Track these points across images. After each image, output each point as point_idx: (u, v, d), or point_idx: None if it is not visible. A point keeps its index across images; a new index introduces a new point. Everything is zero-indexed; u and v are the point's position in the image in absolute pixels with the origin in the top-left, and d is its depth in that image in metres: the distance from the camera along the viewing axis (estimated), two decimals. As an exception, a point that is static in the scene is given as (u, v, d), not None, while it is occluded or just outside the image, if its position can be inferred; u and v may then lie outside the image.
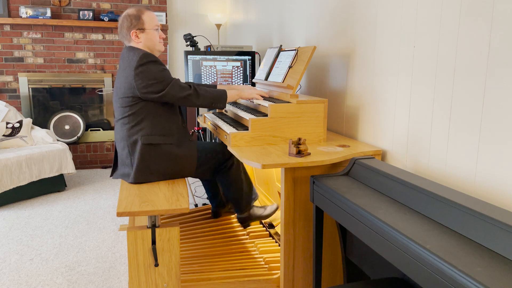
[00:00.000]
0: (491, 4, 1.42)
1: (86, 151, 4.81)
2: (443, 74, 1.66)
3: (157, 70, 2.07)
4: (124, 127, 2.14)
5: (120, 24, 2.19)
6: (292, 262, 1.97)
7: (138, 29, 2.15)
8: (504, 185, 1.41)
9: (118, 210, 1.80)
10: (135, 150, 2.13)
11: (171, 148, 2.17)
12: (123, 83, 2.11)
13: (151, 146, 2.13)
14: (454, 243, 1.12)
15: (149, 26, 2.17)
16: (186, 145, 2.24)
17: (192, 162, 2.24)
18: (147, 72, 2.05)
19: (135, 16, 2.15)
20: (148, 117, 2.12)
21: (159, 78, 2.06)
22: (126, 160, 2.16)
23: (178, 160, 2.19)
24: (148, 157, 2.12)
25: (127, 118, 2.12)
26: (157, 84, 2.06)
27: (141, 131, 2.12)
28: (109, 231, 3.03)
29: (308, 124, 2.17)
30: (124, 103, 2.11)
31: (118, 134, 2.19)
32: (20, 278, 2.39)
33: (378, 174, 1.61)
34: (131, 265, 1.87)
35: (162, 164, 2.15)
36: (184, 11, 5.17)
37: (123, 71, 2.13)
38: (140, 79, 2.04)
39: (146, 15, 2.17)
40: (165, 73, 2.09)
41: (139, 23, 2.15)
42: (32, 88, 4.74)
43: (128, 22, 2.15)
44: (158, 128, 2.15)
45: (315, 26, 2.75)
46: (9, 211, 3.46)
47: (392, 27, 1.97)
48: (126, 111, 2.12)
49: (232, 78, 3.37)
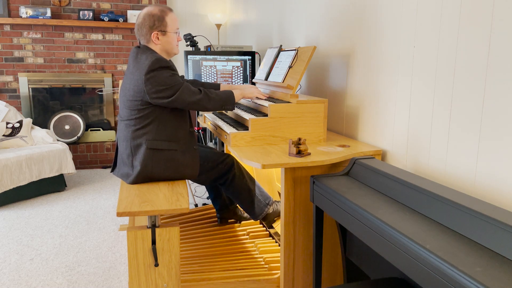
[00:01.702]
0: (491, 4, 1.42)
1: (86, 151, 4.81)
2: (443, 74, 1.66)
3: (167, 75, 2.04)
4: (129, 128, 2.12)
5: (140, 22, 2.11)
6: (292, 262, 1.97)
7: (160, 31, 2.10)
8: (504, 185, 1.40)
9: (118, 210, 1.80)
10: (137, 153, 2.11)
11: (174, 154, 2.14)
12: (132, 86, 2.07)
13: (155, 151, 2.10)
14: (454, 243, 1.12)
15: (171, 29, 2.13)
16: (190, 153, 2.20)
17: (194, 171, 2.22)
18: (157, 77, 2.01)
19: (159, 17, 2.09)
20: (155, 121, 2.09)
21: (169, 84, 2.03)
22: (127, 160, 2.15)
23: (180, 168, 2.17)
24: (151, 162, 2.10)
25: (134, 121, 2.10)
26: (167, 90, 2.03)
27: (146, 135, 2.09)
28: (109, 231, 3.03)
29: (308, 124, 2.17)
30: (133, 106, 2.08)
31: (122, 133, 2.17)
32: (20, 278, 2.39)
33: (378, 174, 1.61)
34: (131, 265, 1.87)
35: (164, 169, 2.14)
36: (184, 11, 5.17)
37: (132, 71, 2.08)
38: (150, 84, 2.01)
39: (169, 17, 2.12)
40: (175, 78, 2.06)
41: (162, 25, 2.10)
42: (32, 88, 4.74)
43: (150, 21, 2.09)
44: (164, 133, 2.12)
45: (315, 26, 2.75)
46: (9, 211, 3.46)
47: (392, 27, 1.97)
48: (133, 114, 2.09)
49: (232, 78, 3.37)
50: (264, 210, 2.43)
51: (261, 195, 2.44)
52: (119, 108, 2.44)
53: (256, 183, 2.45)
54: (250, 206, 2.40)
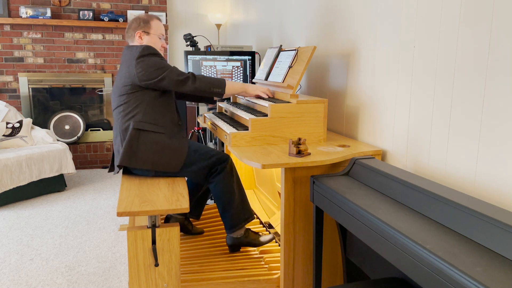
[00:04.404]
0: (491, 4, 1.42)
1: (86, 151, 4.81)
2: (443, 74, 1.66)
3: (157, 59, 2.18)
4: (119, 115, 2.20)
5: (129, 24, 2.32)
6: (292, 262, 1.97)
7: (144, 31, 2.29)
8: (504, 185, 1.40)
9: (118, 210, 1.80)
10: (125, 135, 2.17)
11: (161, 137, 2.18)
12: (124, 74, 2.19)
13: (141, 132, 2.16)
14: (454, 243, 1.12)
15: (154, 32, 2.31)
16: (177, 139, 2.23)
17: (180, 156, 2.18)
18: (147, 61, 2.15)
19: (144, 20, 2.30)
20: (142, 105, 2.18)
21: (158, 65, 2.15)
22: (119, 148, 2.19)
23: (166, 151, 2.17)
24: (136, 142, 2.14)
25: (122, 107, 2.19)
26: (156, 71, 2.14)
27: (133, 117, 2.17)
28: (109, 231, 3.03)
29: (308, 124, 2.17)
30: (123, 91, 2.18)
31: (115, 125, 2.25)
32: (20, 278, 2.39)
33: (378, 174, 1.61)
34: (131, 265, 1.87)
35: (149, 151, 2.15)
36: (184, 11, 5.17)
37: (124, 65, 2.20)
38: (140, 67, 2.13)
39: (154, 22, 2.32)
40: (165, 62, 2.19)
41: (146, 26, 2.29)
42: (32, 88, 4.74)
43: (136, 23, 2.29)
44: (151, 117, 2.19)
45: (315, 26, 2.75)
46: (9, 211, 3.46)
47: (392, 27, 1.97)
48: (122, 99, 2.19)
49: (232, 78, 3.37)
50: (240, 224, 2.28)
51: (243, 207, 2.29)
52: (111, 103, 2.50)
53: (243, 195, 2.32)
54: (227, 211, 2.26)
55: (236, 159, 3.15)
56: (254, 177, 3.28)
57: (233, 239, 2.32)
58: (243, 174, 3.26)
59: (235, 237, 2.32)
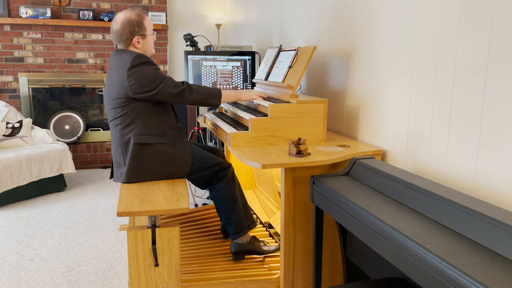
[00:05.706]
0: (491, 4, 1.42)
1: (86, 151, 4.81)
2: (443, 74, 1.66)
3: (150, 69, 2.08)
4: (117, 128, 2.14)
5: (120, 28, 2.13)
6: (292, 262, 1.97)
7: (141, 35, 2.17)
8: (504, 185, 1.41)
9: (118, 210, 1.80)
10: (127, 150, 2.12)
11: (164, 147, 2.15)
12: (115, 85, 2.09)
13: (143, 146, 2.11)
14: (454, 243, 1.12)
15: (149, 31, 2.21)
16: (179, 146, 2.20)
17: (186, 164, 2.19)
18: (140, 72, 2.05)
19: (138, 22, 2.15)
20: (139, 116, 2.11)
21: (152, 77, 2.07)
22: (119, 160, 2.16)
23: (170, 161, 2.16)
24: (140, 156, 2.11)
25: (119, 119, 2.12)
26: (150, 83, 2.06)
27: (133, 131, 2.11)
28: (109, 231, 3.03)
29: (308, 124, 2.17)
30: (117, 104, 2.10)
31: (112, 135, 2.20)
32: (20, 278, 2.39)
33: (378, 174, 1.61)
34: (131, 265, 1.87)
35: (154, 164, 2.14)
36: (184, 11, 5.17)
37: (114, 72, 2.10)
38: (133, 80, 2.04)
39: (146, 21, 2.19)
40: (158, 72, 2.11)
41: (142, 29, 2.16)
42: (32, 88, 4.74)
43: (131, 27, 2.13)
44: (150, 128, 2.13)
45: (315, 26, 2.75)
46: (9, 211, 3.46)
47: (392, 27, 1.97)
48: (118, 112, 2.12)
49: (232, 78, 3.37)
50: (244, 230, 2.28)
51: (245, 213, 2.30)
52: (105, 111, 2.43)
53: (245, 201, 2.34)
54: (230, 217, 2.26)
55: (236, 159, 3.15)
56: (254, 177, 3.28)
57: (238, 245, 2.30)
58: (243, 174, 3.26)
59: (240, 243, 2.30)
